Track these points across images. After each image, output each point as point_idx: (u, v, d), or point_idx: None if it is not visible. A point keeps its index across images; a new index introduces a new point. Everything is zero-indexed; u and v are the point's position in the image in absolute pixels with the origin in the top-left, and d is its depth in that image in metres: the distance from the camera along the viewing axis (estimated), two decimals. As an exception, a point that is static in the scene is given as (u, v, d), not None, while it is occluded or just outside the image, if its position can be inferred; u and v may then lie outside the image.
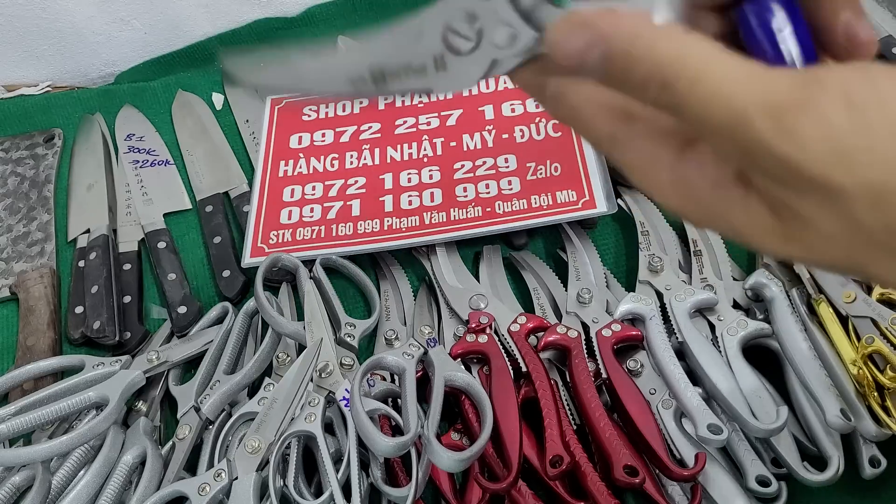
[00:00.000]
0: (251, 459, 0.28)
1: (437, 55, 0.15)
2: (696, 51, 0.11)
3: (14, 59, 0.53)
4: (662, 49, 0.11)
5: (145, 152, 0.47)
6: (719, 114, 0.10)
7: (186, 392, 0.32)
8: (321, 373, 0.31)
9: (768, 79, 0.10)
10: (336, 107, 0.46)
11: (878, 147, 0.09)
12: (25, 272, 0.41)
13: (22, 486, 0.30)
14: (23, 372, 0.34)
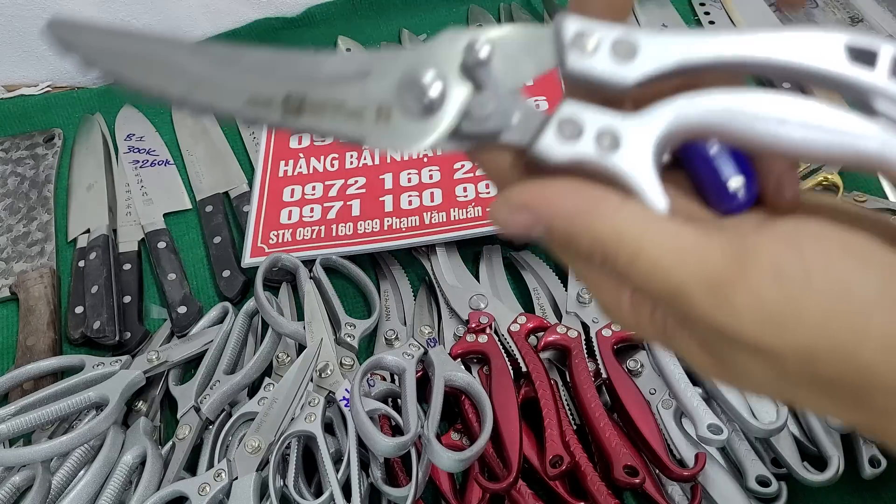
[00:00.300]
0: (251, 459, 0.28)
1: (382, 104, 0.13)
2: (633, 227, 0.11)
3: (14, 59, 0.53)
4: (599, 227, 0.11)
5: (145, 152, 0.47)
6: (659, 287, 0.11)
7: (186, 392, 0.32)
8: (321, 373, 0.31)
9: (703, 252, 0.11)
10: (336, 107, 0.46)
11: (806, 315, 0.10)
12: (25, 272, 0.41)
13: (22, 486, 0.30)
14: (23, 372, 0.34)
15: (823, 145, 0.11)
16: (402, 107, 0.13)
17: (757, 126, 0.11)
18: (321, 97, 0.13)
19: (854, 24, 0.45)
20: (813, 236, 0.11)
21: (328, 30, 0.53)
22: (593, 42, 0.12)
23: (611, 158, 0.12)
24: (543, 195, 0.12)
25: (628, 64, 0.12)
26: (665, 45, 0.12)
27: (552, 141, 0.12)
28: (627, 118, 0.12)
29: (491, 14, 0.52)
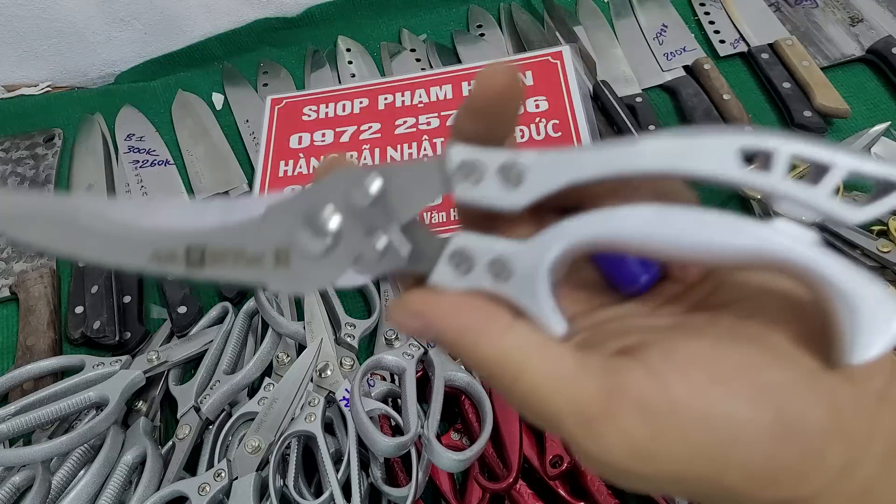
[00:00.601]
0: (251, 459, 0.28)
1: (279, 247, 0.13)
2: (516, 351, 0.12)
3: (14, 59, 0.53)
4: (483, 349, 0.12)
5: (145, 152, 0.47)
6: (537, 412, 0.12)
7: (186, 392, 0.32)
8: (321, 373, 0.31)
9: (578, 385, 0.11)
10: (336, 107, 0.46)
11: (672, 448, 0.11)
12: (25, 272, 0.41)
13: (22, 485, 0.30)
14: (23, 372, 0.34)
15: (726, 251, 0.11)
16: (298, 249, 0.13)
17: (649, 240, 0.12)
18: (221, 246, 0.13)
19: (854, 24, 0.45)
20: (680, 367, 0.11)
21: (328, 29, 0.53)
22: (479, 171, 0.12)
23: (505, 287, 0.12)
24: (436, 307, 0.12)
25: (516, 189, 0.12)
26: (551, 168, 0.12)
27: (445, 274, 0.12)
28: (518, 247, 0.12)
29: (491, 14, 0.52)
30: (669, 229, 0.11)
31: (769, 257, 0.11)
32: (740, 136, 0.11)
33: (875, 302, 0.11)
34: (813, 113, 0.40)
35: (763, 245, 0.11)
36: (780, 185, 0.11)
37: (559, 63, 0.44)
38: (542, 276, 0.12)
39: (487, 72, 0.12)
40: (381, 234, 0.12)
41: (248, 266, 0.13)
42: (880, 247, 0.32)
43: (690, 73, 0.44)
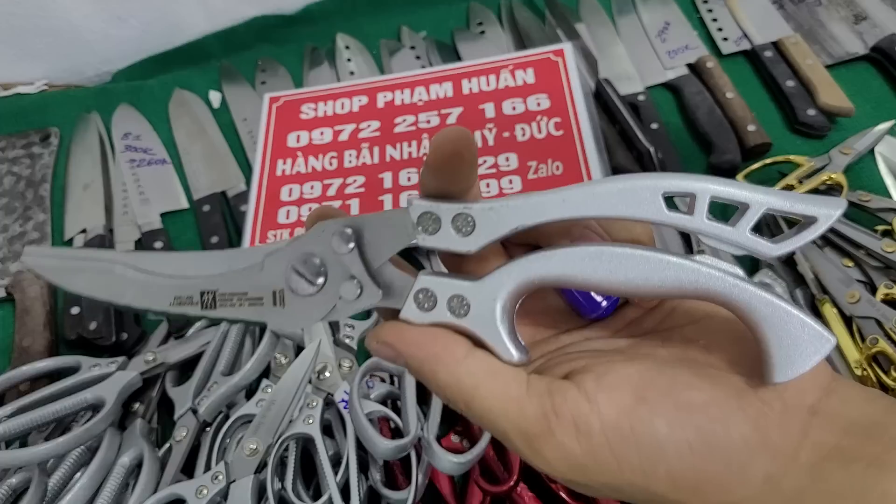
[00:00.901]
0: (249, 462, 0.28)
1: (276, 290, 0.15)
2: (469, 378, 0.14)
3: (10, 57, 0.53)
4: (442, 376, 0.14)
5: (142, 151, 0.46)
6: (490, 429, 0.14)
7: (183, 393, 0.32)
8: (319, 374, 0.31)
9: (521, 408, 0.13)
10: (335, 105, 0.46)
11: (603, 462, 0.12)
12: (22, 272, 0.41)
13: (18, 487, 0.30)
14: (19, 373, 0.34)
15: (655, 285, 0.13)
16: (291, 291, 0.15)
17: (588, 278, 0.13)
18: (228, 290, 0.15)
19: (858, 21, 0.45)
20: (609, 389, 0.13)
21: (327, 27, 0.52)
22: (436, 222, 0.14)
23: (463, 322, 0.14)
24: (402, 338, 0.14)
25: (469, 236, 0.14)
26: (498, 217, 0.14)
27: (412, 310, 0.14)
28: (473, 286, 0.14)
29: (491, 10, 0.51)
30: (604, 268, 0.13)
31: (696, 290, 0.13)
32: (662, 180, 0.13)
33: (798, 328, 0.12)
34: (817, 111, 0.40)
35: (689, 278, 0.13)
36: (703, 226, 0.13)
37: (561, 60, 0.44)
38: (495, 311, 0.14)
39: (440, 136, 0.14)
40: (356, 279, 0.15)
41: (251, 306, 0.15)
42: (884, 247, 0.32)
43: (693, 70, 0.44)
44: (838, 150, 0.37)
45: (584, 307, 0.16)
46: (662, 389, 0.13)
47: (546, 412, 0.13)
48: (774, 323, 0.12)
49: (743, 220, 0.13)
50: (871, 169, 0.38)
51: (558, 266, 0.13)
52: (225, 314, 0.15)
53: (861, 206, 0.34)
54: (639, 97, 0.43)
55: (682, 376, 0.13)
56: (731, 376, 0.13)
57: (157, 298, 0.16)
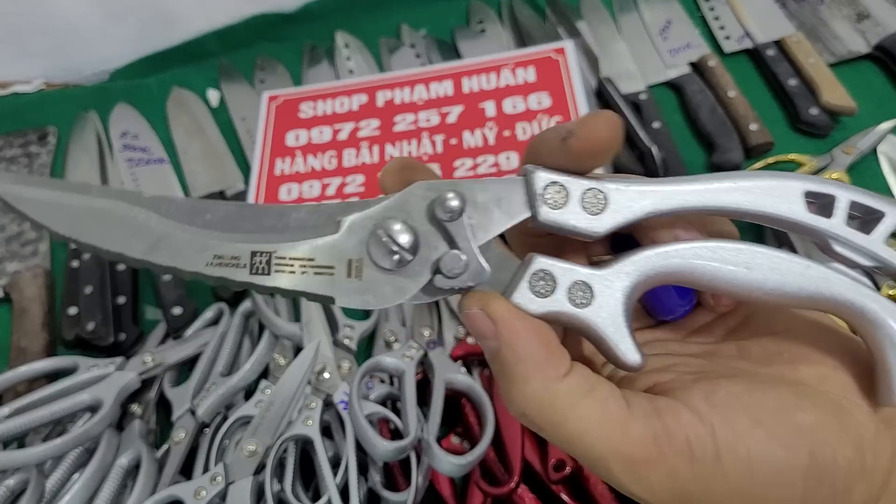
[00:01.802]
0: (247, 463, 0.28)
1: (352, 259, 0.12)
2: (567, 398, 0.12)
3: (7, 56, 0.52)
4: (534, 388, 0.12)
5: (140, 150, 0.46)
6: (581, 453, 0.12)
7: (182, 394, 0.32)
8: (319, 375, 0.31)
9: (624, 431, 0.12)
10: (334, 103, 0.45)
11: (713, 489, 0.11)
12: (19, 272, 0.41)
13: (16, 489, 0.30)
14: (16, 374, 0.33)
15: (792, 290, 0.12)
16: (373, 261, 0.12)
17: (722, 274, 0.12)
18: (289, 253, 0.12)
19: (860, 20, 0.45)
20: (722, 410, 0.12)
21: (326, 25, 0.52)
22: (563, 196, 0.12)
23: (585, 312, 0.12)
24: (512, 323, 0.12)
25: (599, 215, 0.12)
26: (633, 197, 0.13)
27: (526, 296, 0.12)
28: (597, 273, 0.12)
29: (492, 8, 0.51)
30: (740, 267, 0.12)
31: (831, 300, 0.12)
32: (806, 181, 0.12)
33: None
34: (819, 110, 0.40)
35: (830, 288, 0.12)
36: (841, 231, 0.12)
37: (562, 59, 0.43)
38: (621, 304, 0.12)
39: (593, 121, 0.12)
40: (458, 254, 0.12)
41: (317, 275, 0.12)
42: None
43: (695, 69, 0.44)
44: (841, 150, 0.36)
45: (664, 307, 0.14)
46: (773, 410, 0.12)
47: (656, 435, 0.11)
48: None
49: (879, 229, 0.12)
50: (873, 168, 0.37)
51: (685, 261, 0.12)
52: (281, 283, 0.12)
53: (864, 206, 0.34)
54: (640, 96, 0.42)
55: (786, 395, 0.12)
56: (825, 393, 0.12)
57: (188, 255, 0.12)
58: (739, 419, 0.11)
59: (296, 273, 0.12)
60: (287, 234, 0.12)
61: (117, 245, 0.12)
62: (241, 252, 0.12)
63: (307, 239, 0.12)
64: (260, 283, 0.12)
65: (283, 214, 0.13)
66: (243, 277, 0.12)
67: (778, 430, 0.11)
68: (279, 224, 0.13)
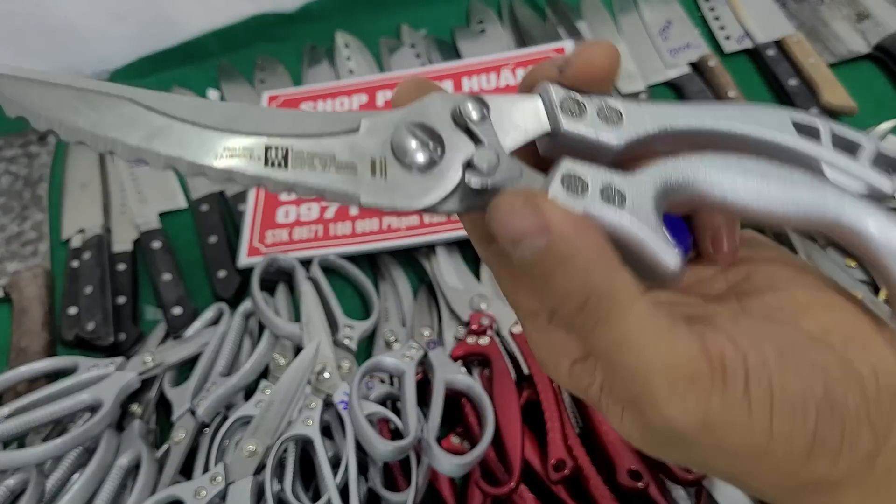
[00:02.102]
0: (247, 463, 0.28)
1: (376, 157, 0.12)
2: (625, 292, 0.11)
3: (7, 55, 0.52)
4: (597, 275, 0.11)
5: (140, 150, 0.46)
6: (623, 360, 0.11)
7: (182, 394, 0.32)
8: (319, 375, 0.31)
9: (672, 344, 0.11)
10: (334, 103, 0.45)
11: (736, 421, 0.11)
12: (19, 272, 0.41)
13: (16, 489, 0.30)
14: (16, 374, 0.33)
15: (781, 202, 0.12)
16: (399, 160, 0.12)
17: (739, 189, 0.12)
18: (308, 149, 0.12)
19: (860, 20, 0.45)
20: (750, 337, 0.11)
21: (326, 25, 0.52)
22: (580, 109, 0.13)
23: (621, 213, 0.12)
24: (563, 217, 0.11)
25: (617, 128, 0.13)
26: (646, 114, 0.13)
27: (560, 191, 0.12)
28: (625, 178, 0.12)
29: (492, 8, 0.51)
30: (757, 181, 0.12)
31: (835, 218, 0.12)
32: (792, 112, 0.13)
33: None
34: (819, 110, 0.40)
35: (836, 207, 0.12)
36: (829, 155, 0.13)
37: (561, 59, 0.43)
38: (653, 208, 0.12)
39: (589, 49, 0.12)
40: (487, 152, 0.12)
41: (339, 172, 0.11)
42: None
43: (695, 69, 0.44)
44: (841, 150, 0.36)
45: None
46: (790, 344, 0.11)
47: (701, 353, 0.11)
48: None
49: (862, 155, 0.13)
50: (874, 168, 0.37)
51: (707, 170, 0.12)
52: (300, 178, 0.11)
53: (864, 206, 0.34)
54: (640, 96, 0.42)
55: (797, 334, 0.12)
56: (830, 344, 0.12)
57: (194, 146, 0.11)
58: (766, 347, 0.11)
59: (316, 169, 0.11)
60: (304, 134, 0.12)
61: (112, 130, 0.11)
62: (254, 145, 0.11)
63: (324, 138, 0.12)
64: (276, 176, 0.11)
65: (298, 119, 0.12)
66: (257, 171, 0.11)
67: (797, 362, 0.11)
68: (294, 126, 0.12)
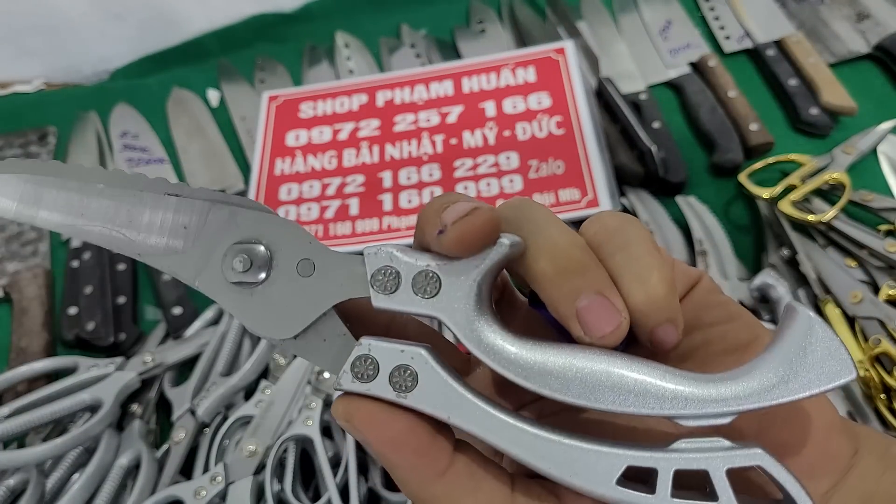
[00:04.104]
0: (247, 463, 0.28)
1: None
2: (444, 498, 0.12)
3: (8, 55, 0.52)
4: (413, 488, 0.12)
5: (140, 150, 0.46)
6: None
7: (182, 394, 0.32)
8: (318, 375, 0.31)
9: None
10: (334, 103, 0.45)
11: None
12: (19, 272, 0.41)
13: (16, 488, 0.30)
14: (16, 374, 0.33)
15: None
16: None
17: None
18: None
19: (860, 20, 0.44)
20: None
21: (326, 25, 0.52)
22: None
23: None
24: (378, 434, 0.12)
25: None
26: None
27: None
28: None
29: (492, 8, 0.51)
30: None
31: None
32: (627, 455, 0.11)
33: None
34: (819, 110, 0.40)
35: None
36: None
37: (562, 59, 0.43)
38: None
39: (463, 221, 0.12)
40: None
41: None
42: (888, 246, 0.31)
43: (695, 69, 0.44)
44: (841, 150, 0.36)
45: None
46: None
47: None
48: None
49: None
50: (873, 168, 0.37)
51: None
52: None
53: (864, 206, 0.34)
54: (640, 96, 0.42)
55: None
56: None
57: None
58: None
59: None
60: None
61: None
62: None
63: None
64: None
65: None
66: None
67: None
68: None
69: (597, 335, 0.12)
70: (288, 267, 0.13)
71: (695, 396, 0.11)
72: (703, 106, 0.41)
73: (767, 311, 0.32)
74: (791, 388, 0.11)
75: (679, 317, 0.12)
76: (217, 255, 0.13)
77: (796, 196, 0.34)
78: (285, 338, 0.13)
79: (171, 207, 0.13)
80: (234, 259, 0.13)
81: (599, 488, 0.11)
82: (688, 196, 0.38)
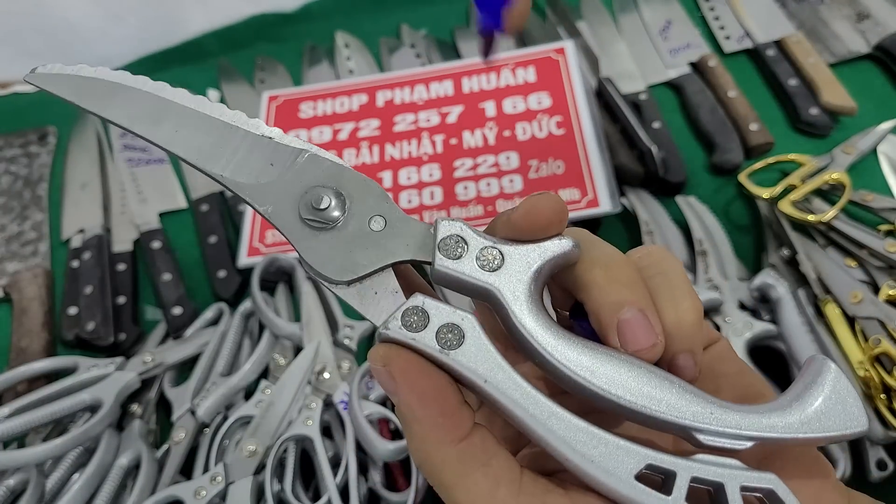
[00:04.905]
0: (247, 463, 0.28)
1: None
2: (458, 466, 0.12)
3: (8, 55, 0.52)
4: (429, 449, 0.12)
5: (140, 150, 0.46)
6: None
7: (182, 394, 0.32)
8: (319, 375, 0.31)
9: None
10: (334, 103, 0.45)
11: None
12: (19, 272, 0.41)
13: (16, 488, 0.30)
14: (16, 374, 0.33)
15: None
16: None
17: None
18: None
19: (860, 20, 0.44)
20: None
21: (326, 25, 0.52)
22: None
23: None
24: (410, 384, 0.12)
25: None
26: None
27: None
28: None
29: (491, 9, 0.51)
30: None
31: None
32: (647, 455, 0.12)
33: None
34: (819, 110, 0.40)
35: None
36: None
37: (562, 59, 0.43)
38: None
39: (533, 199, 0.12)
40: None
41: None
42: (888, 247, 0.31)
43: (695, 69, 0.44)
44: (841, 150, 0.36)
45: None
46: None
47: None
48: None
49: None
50: (873, 168, 0.37)
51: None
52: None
53: (864, 206, 0.34)
54: (640, 96, 0.42)
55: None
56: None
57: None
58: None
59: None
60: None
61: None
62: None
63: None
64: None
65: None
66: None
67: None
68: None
69: (633, 348, 0.12)
70: (361, 217, 0.13)
71: (718, 416, 0.12)
72: (703, 106, 0.41)
73: (768, 311, 0.32)
74: (811, 427, 0.12)
75: (700, 350, 0.13)
76: (295, 191, 0.14)
77: (796, 196, 0.34)
78: (340, 281, 0.13)
79: (267, 147, 0.14)
80: (314, 197, 0.13)
81: (615, 481, 0.11)
82: (688, 196, 0.38)
